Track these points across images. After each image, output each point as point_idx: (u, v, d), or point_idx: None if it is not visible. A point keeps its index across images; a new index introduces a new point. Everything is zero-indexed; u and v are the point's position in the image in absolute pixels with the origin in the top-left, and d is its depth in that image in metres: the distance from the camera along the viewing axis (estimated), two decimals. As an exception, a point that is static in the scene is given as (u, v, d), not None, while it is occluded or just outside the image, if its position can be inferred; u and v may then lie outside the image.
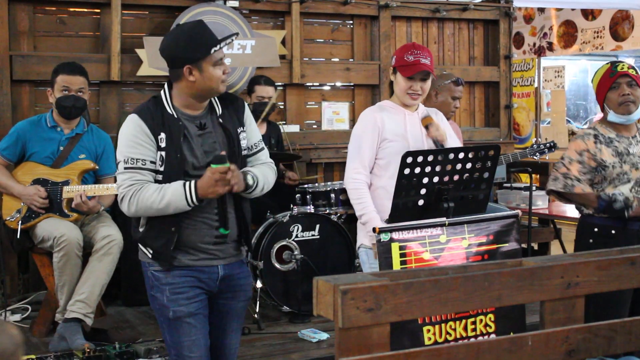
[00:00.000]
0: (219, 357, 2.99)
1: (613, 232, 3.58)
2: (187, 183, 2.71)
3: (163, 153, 2.76)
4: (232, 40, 2.83)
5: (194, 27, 2.83)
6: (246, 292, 3.01)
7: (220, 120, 2.87)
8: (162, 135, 2.76)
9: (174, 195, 2.70)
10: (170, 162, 2.76)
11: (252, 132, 2.98)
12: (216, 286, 2.88)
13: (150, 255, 2.83)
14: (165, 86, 2.90)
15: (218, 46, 2.77)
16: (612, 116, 3.65)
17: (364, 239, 3.37)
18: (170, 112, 2.81)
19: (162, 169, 2.77)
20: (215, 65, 2.78)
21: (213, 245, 2.84)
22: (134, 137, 2.76)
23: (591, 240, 3.64)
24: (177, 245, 2.79)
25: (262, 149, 3.02)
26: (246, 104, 3.03)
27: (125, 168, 2.75)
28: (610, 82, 3.63)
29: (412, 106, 3.42)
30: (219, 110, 2.90)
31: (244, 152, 2.92)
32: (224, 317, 2.96)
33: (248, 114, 2.99)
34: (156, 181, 2.78)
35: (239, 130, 2.90)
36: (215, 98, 2.92)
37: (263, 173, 2.93)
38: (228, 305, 2.95)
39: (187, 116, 2.84)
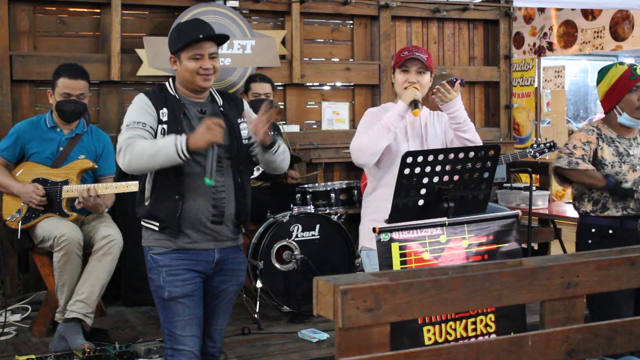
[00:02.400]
0: (204, 338, 3.07)
1: (610, 231, 3.59)
2: (177, 138, 2.82)
3: (165, 126, 2.95)
4: (201, 36, 2.97)
5: (187, 22, 3.11)
6: (239, 277, 3.14)
7: (222, 109, 3.06)
8: (164, 110, 2.97)
9: (165, 142, 2.83)
10: (171, 134, 2.91)
11: None
12: (211, 269, 3.01)
13: (157, 228, 2.96)
14: (171, 78, 3.11)
15: (187, 39, 2.96)
16: (624, 119, 3.63)
17: (365, 240, 3.37)
18: (173, 94, 3.02)
19: None
20: (191, 59, 2.97)
21: (211, 224, 2.97)
22: (137, 108, 2.97)
23: (590, 241, 3.65)
24: (179, 222, 2.92)
25: None
26: (245, 101, 3.25)
27: (127, 127, 2.92)
28: (631, 84, 3.61)
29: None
30: (220, 101, 3.10)
31: (245, 142, 3.10)
32: (215, 299, 3.08)
33: (248, 108, 3.20)
34: None
35: (239, 121, 3.10)
36: (216, 92, 3.13)
37: (283, 145, 3.16)
38: (220, 287, 3.08)
39: (189, 101, 3.05)
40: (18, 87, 5.47)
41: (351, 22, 6.72)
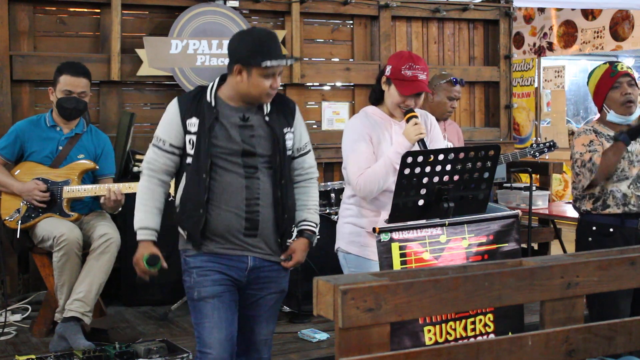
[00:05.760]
0: (249, 349, 3.01)
1: (611, 230, 3.59)
2: (140, 233, 2.90)
3: (194, 137, 2.85)
4: (287, 63, 2.88)
5: (264, 34, 2.88)
6: (278, 284, 3.01)
7: (267, 118, 2.91)
8: (194, 120, 2.86)
9: (136, 214, 2.93)
10: (199, 146, 2.84)
11: (300, 135, 3.03)
12: (245, 276, 2.91)
13: (185, 237, 2.92)
14: (218, 77, 2.97)
15: (270, 62, 2.78)
16: (612, 116, 3.66)
17: (342, 243, 3.36)
18: (209, 100, 2.88)
19: (191, 152, 2.86)
20: (263, 77, 2.81)
21: (244, 237, 2.87)
22: (166, 118, 2.93)
23: (590, 239, 3.65)
24: (207, 233, 2.86)
25: (309, 151, 3.08)
26: (297, 108, 3.08)
27: (152, 144, 2.95)
28: (611, 81, 3.63)
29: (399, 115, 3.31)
30: (267, 109, 2.93)
31: (290, 153, 2.97)
32: (254, 308, 2.98)
33: (298, 117, 3.04)
34: (186, 164, 2.88)
35: (285, 130, 2.94)
36: None
37: (314, 206, 3.13)
38: (257, 295, 2.97)
39: (230, 107, 2.90)
40: (18, 87, 5.47)
41: (351, 22, 6.72)
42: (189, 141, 2.86)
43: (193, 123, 2.85)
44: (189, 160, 2.87)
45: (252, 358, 3.02)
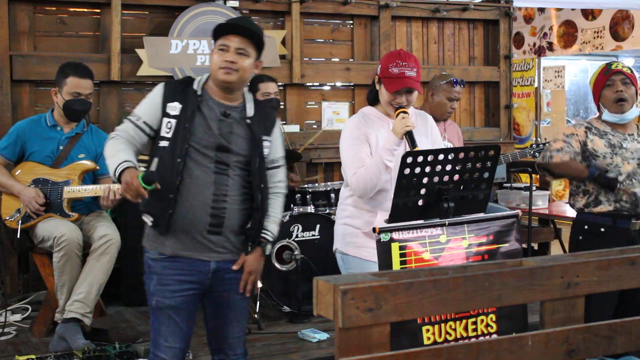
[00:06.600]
0: (222, 347, 3.01)
1: (602, 229, 3.60)
2: (122, 164, 2.75)
3: (173, 121, 2.85)
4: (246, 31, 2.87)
5: (234, 18, 3.14)
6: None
7: (248, 120, 2.92)
8: (175, 104, 2.86)
9: (114, 160, 2.79)
10: (177, 131, 2.83)
11: (276, 148, 3.03)
12: (208, 279, 2.89)
13: (150, 223, 2.87)
14: (208, 73, 2.99)
15: (221, 32, 2.87)
16: (607, 115, 3.68)
17: (339, 244, 3.35)
18: (195, 89, 2.91)
19: (169, 135, 2.84)
20: (218, 50, 2.87)
21: (207, 234, 2.85)
22: (148, 98, 2.94)
23: (581, 237, 3.67)
24: (171, 224, 2.82)
25: (280, 166, 3.06)
26: (278, 121, 3.08)
27: (128, 117, 2.95)
28: (604, 79, 3.66)
29: None
30: (250, 111, 2.94)
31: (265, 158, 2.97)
32: (221, 309, 2.98)
33: (277, 130, 3.04)
34: (159, 147, 2.86)
35: (263, 137, 2.94)
36: (252, 101, 2.97)
37: (275, 217, 3.03)
38: (223, 296, 2.96)
39: (214, 100, 2.91)
40: (18, 87, 5.47)
41: (351, 22, 6.72)
42: (167, 124, 2.85)
43: (174, 107, 2.86)
44: (163, 143, 2.84)
45: (227, 355, 3.02)
